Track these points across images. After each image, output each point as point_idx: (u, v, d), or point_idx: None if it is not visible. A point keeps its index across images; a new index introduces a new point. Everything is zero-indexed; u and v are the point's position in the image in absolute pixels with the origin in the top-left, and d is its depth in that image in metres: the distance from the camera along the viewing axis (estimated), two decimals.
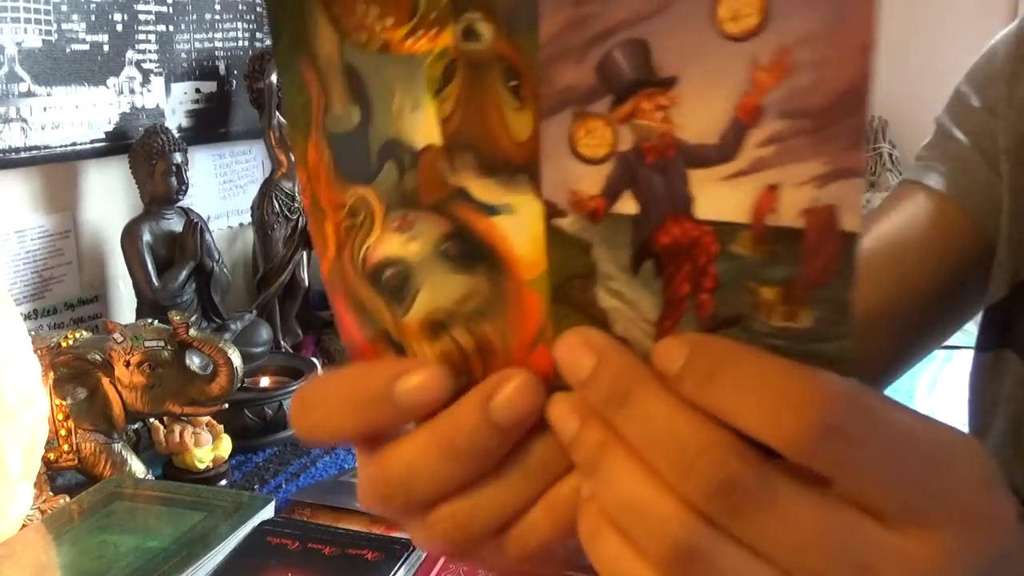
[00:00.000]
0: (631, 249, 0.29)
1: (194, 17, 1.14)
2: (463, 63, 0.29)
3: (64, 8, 0.97)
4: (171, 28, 1.11)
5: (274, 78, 1.10)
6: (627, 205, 0.28)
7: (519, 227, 0.30)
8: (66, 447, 0.80)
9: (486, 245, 0.30)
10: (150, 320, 0.85)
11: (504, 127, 0.29)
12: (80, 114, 1.01)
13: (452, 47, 0.29)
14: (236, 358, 0.80)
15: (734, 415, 0.26)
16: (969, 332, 1.21)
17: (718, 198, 0.27)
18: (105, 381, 0.80)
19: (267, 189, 1.14)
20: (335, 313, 0.34)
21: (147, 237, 1.01)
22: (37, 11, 0.94)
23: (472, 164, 0.30)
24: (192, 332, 0.81)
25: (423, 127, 0.30)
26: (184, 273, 1.02)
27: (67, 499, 0.75)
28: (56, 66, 0.97)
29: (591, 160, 0.28)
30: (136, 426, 0.87)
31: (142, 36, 1.07)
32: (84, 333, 0.83)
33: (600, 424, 0.28)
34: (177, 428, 0.85)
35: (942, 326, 0.78)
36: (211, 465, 0.86)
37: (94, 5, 1.00)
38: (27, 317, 0.98)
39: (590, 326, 0.29)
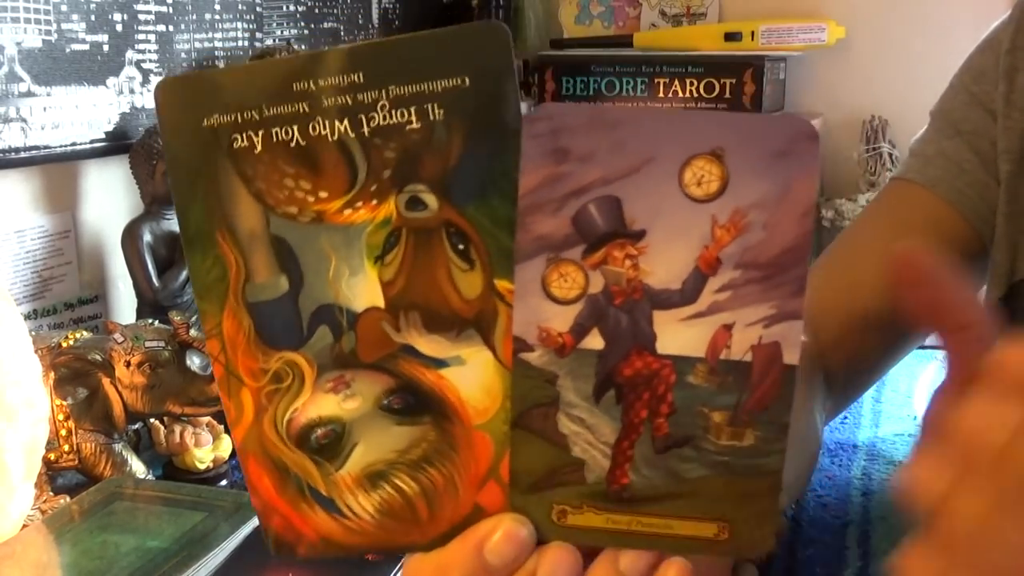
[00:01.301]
0: (595, 380, 0.32)
1: (194, 17, 1.14)
2: (408, 230, 0.32)
3: (64, 8, 0.97)
4: (171, 28, 1.11)
5: None
6: (594, 341, 0.32)
7: (470, 377, 0.32)
8: (66, 447, 0.80)
9: (434, 396, 0.33)
10: (150, 320, 0.85)
11: (452, 287, 0.32)
12: (80, 114, 1.01)
13: (395, 215, 0.32)
14: None
15: None
16: None
17: (679, 336, 0.31)
18: (105, 381, 0.80)
19: None
20: (248, 479, 0.34)
21: (147, 237, 1.01)
22: (37, 11, 0.94)
23: (418, 323, 0.32)
24: (192, 332, 0.81)
25: (363, 291, 0.32)
26: (184, 273, 1.02)
27: (67, 499, 0.75)
28: (56, 66, 0.97)
29: (562, 301, 0.31)
30: (136, 426, 0.86)
31: (142, 36, 1.07)
32: (84, 333, 0.83)
33: None
34: (177, 428, 0.85)
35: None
36: (211, 465, 0.86)
37: (94, 5, 1.00)
38: (27, 317, 0.98)
39: (548, 449, 0.32)
